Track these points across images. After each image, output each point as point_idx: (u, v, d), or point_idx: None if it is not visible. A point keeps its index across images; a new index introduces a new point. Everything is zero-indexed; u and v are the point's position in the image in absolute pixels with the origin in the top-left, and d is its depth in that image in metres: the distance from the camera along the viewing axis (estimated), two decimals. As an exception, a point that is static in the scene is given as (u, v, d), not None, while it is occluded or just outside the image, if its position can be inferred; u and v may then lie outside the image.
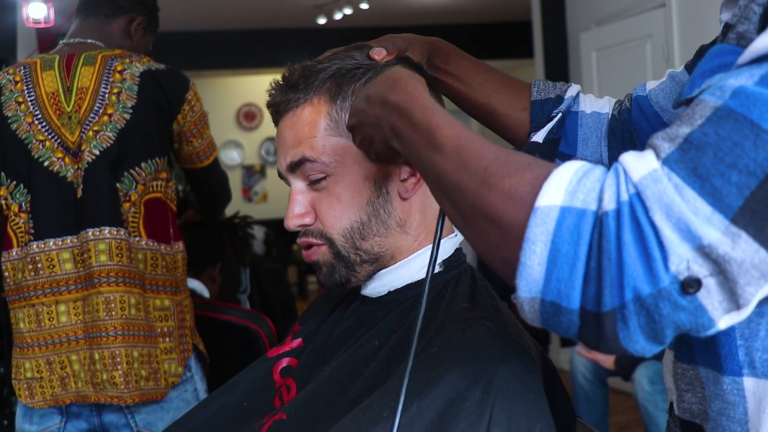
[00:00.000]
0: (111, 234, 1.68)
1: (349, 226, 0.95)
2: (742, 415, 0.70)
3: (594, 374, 3.15)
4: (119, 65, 1.73)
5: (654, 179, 0.55)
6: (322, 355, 1.01)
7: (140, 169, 1.72)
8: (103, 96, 1.71)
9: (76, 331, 1.68)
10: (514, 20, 7.58)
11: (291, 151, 0.96)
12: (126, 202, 1.71)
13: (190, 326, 1.82)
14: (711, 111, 0.56)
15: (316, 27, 7.06)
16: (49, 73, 1.73)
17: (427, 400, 0.80)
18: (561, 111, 1.05)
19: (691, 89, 0.67)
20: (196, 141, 1.84)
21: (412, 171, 0.96)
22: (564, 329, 0.60)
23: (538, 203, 0.58)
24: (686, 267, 0.54)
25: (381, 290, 0.98)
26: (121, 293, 1.67)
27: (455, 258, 1.00)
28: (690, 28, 3.76)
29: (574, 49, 4.79)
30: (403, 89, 0.76)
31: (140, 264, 1.72)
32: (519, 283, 0.60)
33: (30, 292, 1.69)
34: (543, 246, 0.58)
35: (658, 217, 0.55)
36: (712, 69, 0.66)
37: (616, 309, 0.56)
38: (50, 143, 1.69)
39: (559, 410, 0.93)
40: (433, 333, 0.89)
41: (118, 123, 1.70)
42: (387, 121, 0.77)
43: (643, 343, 0.57)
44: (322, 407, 0.91)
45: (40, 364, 1.68)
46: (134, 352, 1.68)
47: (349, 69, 0.97)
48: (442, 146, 0.68)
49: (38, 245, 1.69)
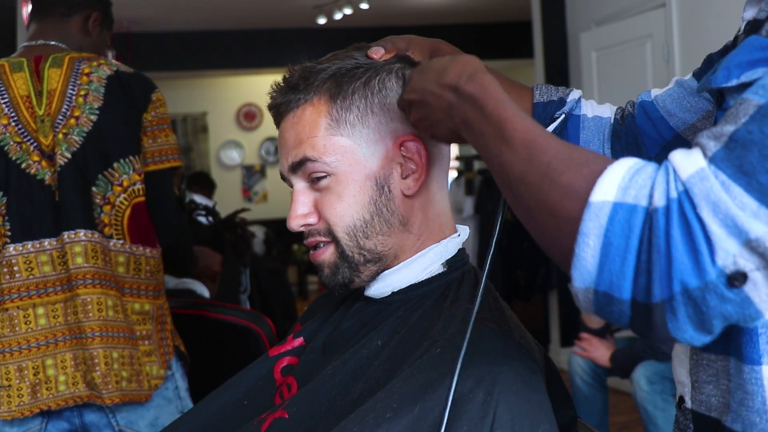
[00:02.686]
0: (86, 237, 1.67)
1: (352, 224, 0.95)
2: (761, 404, 0.71)
3: (592, 375, 3.14)
4: (86, 68, 1.74)
5: (701, 177, 0.58)
6: (324, 353, 1.01)
7: (113, 170, 1.71)
8: (70, 98, 1.71)
9: (56, 333, 1.67)
10: (514, 20, 7.58)
11: (292, 152, 0.97)
12: (106, 204, 1.70)
13: (171, 329, 1.82)
14: (754, 109, 0.59)
15: (316, 27, 7.06)
16: (19, 75, 1.73)
17: (430, 401, 0.80)
18: (564, 113, 1.06)
19: (727, 78, 0.69)
20: (147, 141, 1.78)
21: (413, 169, 0.96)
22: (616, 318, 0.63)
23: (593, 198, 0.62)
24: (732, 261, 0.57)
25: (384, 291, 0.98)
26: (98, 295, 1.67)
27: (458, 258, 1.00)
28: (690, 28, 3.76)
29: (574, 49, 4.79)
30: (479, 81, 0.77)
31: (120, 267, 1.71)
32: (574, 274, 0.63)
33: (4, 296, 1.67)
34: (596, 239, 0.61)
35: (706, 214, 0.57)
36: (751, 62, 0.67)
37: (665, 300, 0.59)
38: (26, 146, 1.69)
39: (561, 411, 0.93)
40: (436, 334, 0.89)
41: (85, 126, 1.69)
42: (459, 110, 0.79)
43: (692, 333, 0.60)
44: (323, 406, 0.91)
45: (10, 371, 1.65)
46: (113, 353, 1.67)
47: (349, 69, 0.97)
48: (510, 138, 0.71)
49: (15, 248, 1.67)
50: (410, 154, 0.95)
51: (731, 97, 0.70)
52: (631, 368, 2.95)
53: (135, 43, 7.10)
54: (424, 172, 0.96)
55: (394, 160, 0.96)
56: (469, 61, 0.82)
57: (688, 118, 0.98)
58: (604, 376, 3.15)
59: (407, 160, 0.96)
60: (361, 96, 0.95)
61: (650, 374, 2.85)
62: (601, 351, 3.05)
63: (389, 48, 1.00)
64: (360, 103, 0.95)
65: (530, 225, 0.71)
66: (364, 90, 0.95)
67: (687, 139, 0.98)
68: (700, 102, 0.96)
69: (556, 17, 4.94)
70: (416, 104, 0.86)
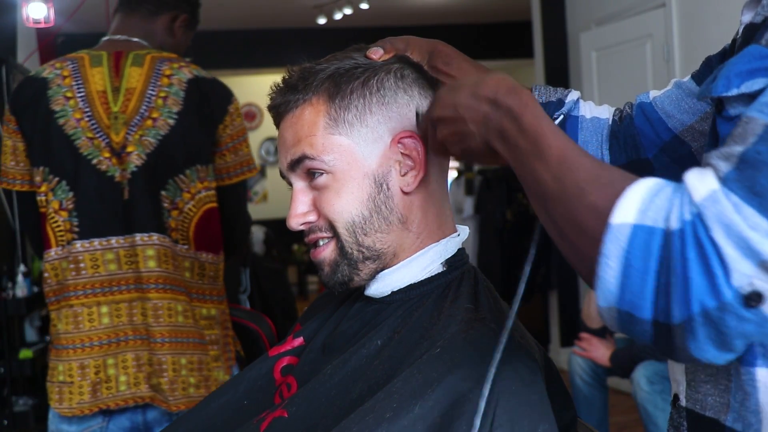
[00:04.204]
0: (159, 240, 1.66)
1: (351, 219, 0.95)
2: (755, 405, 0.72)
3: (592, 376, 3.14)
4: (168, 69, 1.71)
5: (714, 200, 0.59)
6: (324, 353, 1.01)
7: (184, 176, 1.70)
8: (149, 99, 1.68)
9: (118, 333, 1.66)
10: (514, 20, 7.58)
11: (291, 150, 0.97)
12: (174, 209, 1.69)
13: (232, 334, 1.82)
14: (762, 129, 0.60)
15: (316, 27, 7.06)
16: (98, 70, 1.70)
17: (429, 401, 0.80)
18: (562, 113, 1.06)
19: (727, 87, 0.70)
20: (230, 156, 1.78)
21: (411, 165, 0.96)
22: (639, 337, 0.64)
23: (613, 220, 0.63)
24: (748, 282, 0.57)
25: (384, 291, 0.98)
26: (168, 300, 1.66)
27: (458, 258, 1.00)
28: (690, 28, 3.76)
29: (574, 49, 4.79)
30: (518, 95, 0.77)
31: (186, 272, 1.70)
32: (597, 294, 0.65)
33: (69, 293, 1.66)
34: (616, 261, 0.62)
35: (719, 236, 0.58)
36: (750, 72, 0.68)
37: (684, 321, 0.60)
38: (98, 141, 1.66)
39: (561, 411, 0.93)
40: (435, 334, 0.89)
41: (162, 129, 1.67)
42: (496, 121, 0.78)
43: (714, 352, 0.61)
44: (322, 406, 0.91)
45: (72, 368, 1.65)
46: (182, 359, 1.66)
47: (347, 69, 0.97)
48: (545, 155, 0.71)
49: (83, 244, 1.65)
50: (408, 151, 0.96)
51: (731, 106, 0.70)
52: (631, 368, 2.95)
53: (135, 43, 7.09)
54: (422, 169, 0.96)
55: (393, 158, 0.96)
56: (505, 77, 0.82)
57: (686, 119, 0.98)
58: (604, 376, 3.15)
59: (405, 158, 0.96)
60: (359, 95, 0.95)
61: (650, 374, 2.85)
62: (601, 351, 3.05)
63: (388, 48, 1.00)
64: (358, 103, 0.95)
65: (560, 241, 0.71)
66: (363, 89, 0.96)
67: (685, 140, 0.99)
68: (699, 104, 0.97)
69: (556, 17, 4.94)
70: (447, 120, 0.85)
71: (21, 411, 3.68)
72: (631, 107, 1.06)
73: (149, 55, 1.73)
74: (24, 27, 4.22)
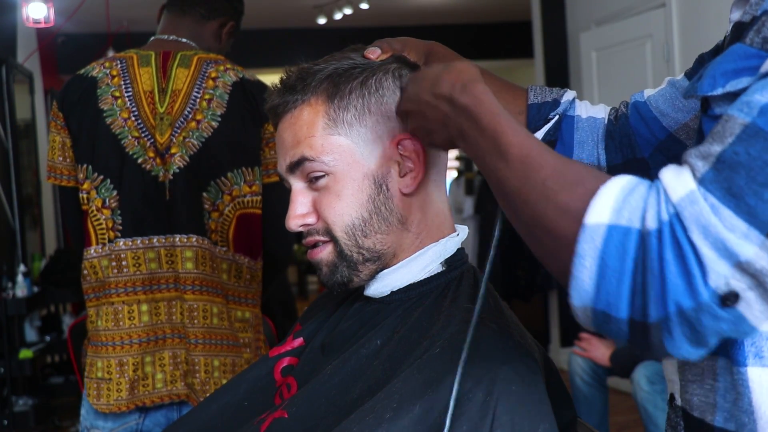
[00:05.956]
0: (198, 243, 1.66)
1: (351, 223, 0.95)
2: (748, 405, 0.72)
3: (592, 376, 3.14)
4: (213, 72, 1.71)
5: (691, 200, 0.59)
6: (324, 353, 1.01)
7: (226, 179, 1.69)
8: (194, 101, 1.69)
9: (156, 331, 1.66)
10: (514, 20, 7.58)
11: (290, 152, 0.97)
12: (214, 211, 1.69)
13: (264, 338, 1.82)
14: (740, 129, 0.59)
15: (316, 27, 7.06)
16: (146, 70, 1.71)
17: (429, 401, 0.80)
18: (558, 114, 1.06)
19: (712, 87, 0.69)
20: (269, 152, 1.75)
21: (411, 167, 0.96)
22: (614, 335, 0.64)
23: (587, 221, 0.62)
24: (725, 283, 0.58)
25: (384, 290, 0.98)
26: (204, 302, 1.66)
27: (457, 257, 1.00)
28: (690, 28, 3.76)
29: (574, 49, 4.79)
30: (472, 92, 0.77)
31: (223, 274, 1.70)
32: (572, 293, 0.64)
33: (110, 290, 1.66)
34: (592, 261, 0.62)
35: (696, 237, 0.58)
36: (735, 71, 0.68)
37: (661, 320, 0.60)
38: (144, 141, 1.67)
39: (561, 411, 0.93)
40: (435, 333, 0.89)
41: (205, 131, 1.67)
42: (455, 122, 0.78)
43: (688, 349, 0.61)
44: (323, 406, 0.91)
45: (111, 365, 1.65)
46: (215, 361, 1.66)
47: (346, 69, 0.97)
48: (506, 153, 0.71)
49: (125, 242, 1.66)
50: (408, 153, 0.96)
51: (716, 104, 0.70)
52: (631, 368, 2.95)
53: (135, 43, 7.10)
54: (421, 171, 0.96)
55: (392, 158, 0.96)
56: (463, 69, 0.81)
57: (680, 117, 0.98)
58: (604, 376, 3.15)
59: (405, 159, 0.96)
60: (358, 95, 0.95)
61: (650, 374, 2.85)
62: (601, 351, 3.05)
63: (385, 48, 1.00)
64: (357, 103, 0.95)
65: (528, 239, 0.71)
66: (361, 90, 0.96)
67: (680, 139, 0.99)
68: (693, 102, 0.96)
69: (556, 17, 4.94)
70: (413, 114, 0.86)
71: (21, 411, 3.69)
72: (626, 106, 1.05)
73: (196, 56, 1.74)
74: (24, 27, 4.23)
